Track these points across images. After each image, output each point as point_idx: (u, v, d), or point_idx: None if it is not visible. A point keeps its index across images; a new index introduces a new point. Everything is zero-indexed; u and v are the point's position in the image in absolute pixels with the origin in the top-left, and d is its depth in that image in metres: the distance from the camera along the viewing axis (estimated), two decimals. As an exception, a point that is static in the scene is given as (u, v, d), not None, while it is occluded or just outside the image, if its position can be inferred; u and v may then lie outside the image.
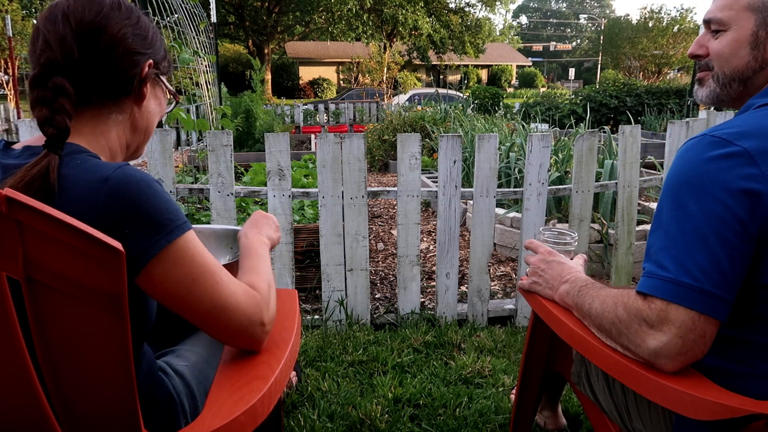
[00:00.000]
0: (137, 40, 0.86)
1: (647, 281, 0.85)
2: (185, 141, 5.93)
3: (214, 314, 0.81)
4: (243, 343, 0.87)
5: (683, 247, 0.82)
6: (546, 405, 1.60)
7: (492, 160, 2.30)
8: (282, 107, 11.68)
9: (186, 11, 4.69)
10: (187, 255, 0.78)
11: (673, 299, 0.81)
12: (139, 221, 0.74)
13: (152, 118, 0.94)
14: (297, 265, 2.61)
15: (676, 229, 0.84)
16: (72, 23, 0.80)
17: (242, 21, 25.98)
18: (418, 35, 24.61)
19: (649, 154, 4.17)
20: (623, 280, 2.56)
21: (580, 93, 12.93)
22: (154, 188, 0.77)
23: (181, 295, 0.78)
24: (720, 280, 0.80)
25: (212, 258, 0.82)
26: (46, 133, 0.76)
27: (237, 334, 0.84)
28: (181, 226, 0.78)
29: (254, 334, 0.86)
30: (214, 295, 0.80)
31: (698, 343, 0.81)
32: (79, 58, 0.80)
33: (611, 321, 0.90)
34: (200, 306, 0.80)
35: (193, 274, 0.78)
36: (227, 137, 2.16)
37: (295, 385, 1.82)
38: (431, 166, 6.02)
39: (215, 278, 0.81)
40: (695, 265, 0.81)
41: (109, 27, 0.82)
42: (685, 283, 0.81)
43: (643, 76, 29.70)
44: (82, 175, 0.75)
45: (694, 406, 0.81)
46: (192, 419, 0.90)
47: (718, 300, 0.80)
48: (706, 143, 0.85)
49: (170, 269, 0.76)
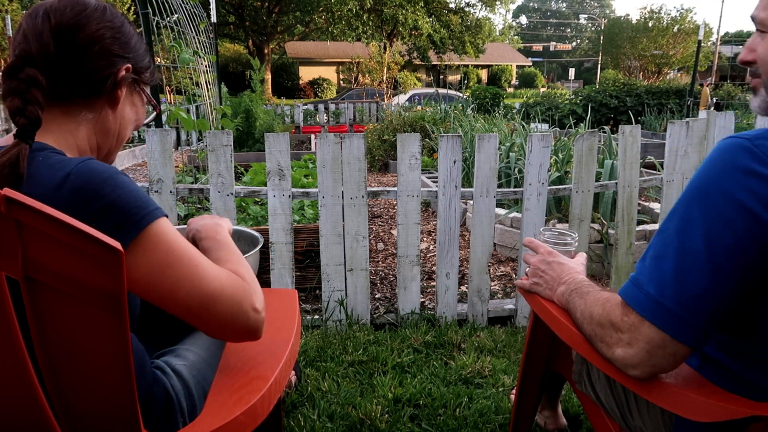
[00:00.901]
0: (116, 42, 0.86)
1: (631, 289, 0.82)
2: (185, 141, 5.93)
3: (198, 303, 0.77)
4: (238, 332, 0.82)
5: (674, 266, 0.77)
6: (546, 405, 1.60)
7: (492, 160, 2.30)
8: (282, 107, 11.68)
9: (186, 11, 4.69)
10: (161, 242, 0.75)
11: (648, 317, 0.78)
12: (105, 214, 0.72)
13: (126, 123, 0.93)
14: (297, 265, 2.61)
15: (676, 241, 0.78)
16: (52, 20, 0.81)
17: (242, 21, 25.99)
18: (418, 35, 24.61)
19: (649, 154, 4.17)
20: (623, 280, 2.55)
21: (580, 93, 12.94)
22: (119, 179, 0.76)
23: (157, 284, 0.75)
24: (703, 312, 0.76)
25: (189, 245, 0.79)
26: (18, 123, 0.76)
27: (230, 322, 0.80)
28: (150, 213, 0.75)
29: (249, 320, 0.81)
30: (195, 281, 0.77)
31: (667, 359, 0.79)
32: (54, 53, 0.80)
33: (592, 327, 0.91)
34: (180, 294, 0.76)
35: (167, 260, 0.75)
36: (227, 137, 2.16)
37: (295, 384, 1.82)
38: (431, 166, 6.02)
39: (193, 263, 0.78)
40: (681, 288, 0.76)
41: (88, 26, 0.82)
42: (666, 307, 0.77)
43: (643, 76, 29.70)
44: (44, 171, 0.75)
45: (694, 408, 0.81)
46: (190, 419, 0.90)
47: (694, 329, 0.76)
48: (740, 151, 0.75)
49: (142, 258, 0.74)
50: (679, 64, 30.03)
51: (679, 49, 29.19)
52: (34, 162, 0.76)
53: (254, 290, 0.84)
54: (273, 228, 2.25)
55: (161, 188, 2.18)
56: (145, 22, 3.43)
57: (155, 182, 2.17)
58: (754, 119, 2.55)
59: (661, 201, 2.53)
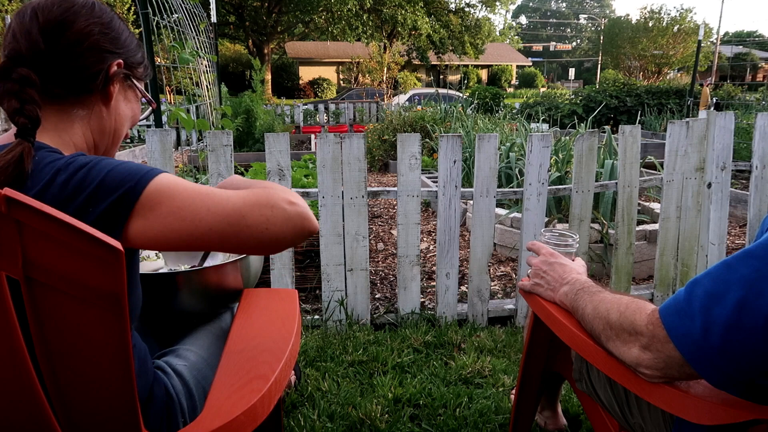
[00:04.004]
0: (106, 38, 0.85)
1: (673, 315, 0.77)
2: (185, 141, 5.93)
3: (227, 225, 0.75)
4: (287, 232, 0.77)
5: (730, 317, 0.70)
6: (546, 405, 1.60)
7: (492, 160, 2.30)
8: (282, 107, 11.68)
9: (186, 11, 4.70)
10: (164, 193, 0.74)
11: (683, 352, 0.76)
12: (98, 195, 0.72)
13: (121, 120, 0.92)
14: (297, 265, 2.61)
15: (741, 292, 0.70)
16: (40, 18, 0.80)
17: (242, 21, 25.98)
18: (418, 35, 24.61)
19: (649, 154, 4.17)
20: (623, 280, 2.55)
21: (580, 93, 12.94)
22: (104, 162, 0.75)
23: (179, 230, 0.74)
24: (746, 369, 0.71)
25: (197, 185, 0.78)
26: (18, 122, 0.76)
27: (271, 227, 0.76)
28: (144, 176, 0.74)
29: (290, 214, 0.77)
30: (213, 208, 0.75)
31: (681, 375, 0.80)
32: (44, 51, 0.80)
33: (603, 326, 0.91)
34: (204, 226, 0.74)
35: (178, 205, 0.74)
36: (227, 137, 2.16)
37: (294, 384, 1.82)
38: (431, 166, 6.01)
39: (204, 194, 0.76)
40: (729, 342, 0.71)
41: (76, 23, 0.82)
42: (705, 352, 0.73)
43: (643, 76, 29.70)
44: (39, 171, 0.75)
45: (696, 410, 0.81)
46: (190, 419, 0.90)
47: (728, 378, 0.73)
48: None
49: (152, 216, 0.73)
50: (679, 64, 30.02)
51: (679, 49, 29.18)
52: (31, 161, 0.76)
53: (282, 188, 0.81)
54: (273, 228, 2.25)
55: (161, 188, 2.18)
56: (145, 22, 3.43)
57: (155, 182, 2.17)
58: (754, 119, 2.55)
59: (661, 201, 2.53)
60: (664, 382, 0.83)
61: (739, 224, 4.15)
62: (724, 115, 2.45)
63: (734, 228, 4.06)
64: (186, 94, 4.48)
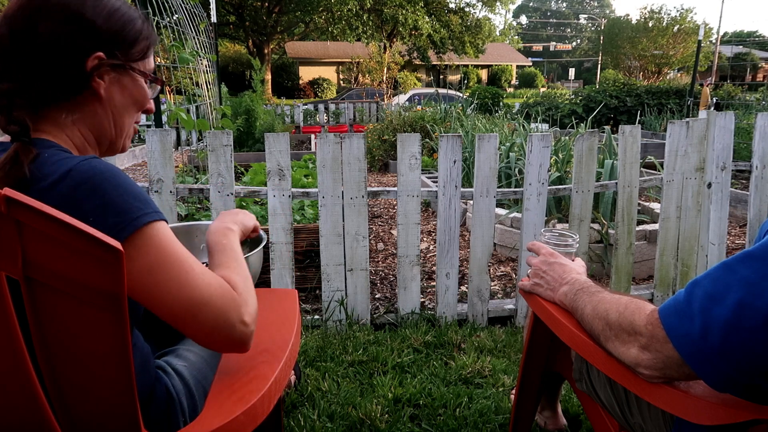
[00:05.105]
0: (76, 33, 0.82)
1: (673, 316, 0.77)
2: (185, 141, 5.93)
3: (184, 309, 0.76)
4: (223, 343, 0.80)
5: (730, 318, 0.70)
6: (546, 405, 1.60)
7: (492, 160, 2.30)
8: (282, 107, 11.68)
9: (186, 11, 4.70)
10: (153, 244, 0.75)
11: (681, 352, 0.76)
12: (104, 210, 0.72)
13: (120, 110, 0.90)
14: (297, 265, 2.61)
15: (741, 293, 0.70)
16: (6, 27, 0.81)
17: (242, 21, 25.98)
18: (418, 35, 24.61)
19: (649, 154, 4.17)
20: (623, 280, 2.55)
21: (580, 93, 12.94)
22: (120, 178, 0.76)
23: (145, 284, 0.74)
24: (746, 370, 0.71)
25: (184, 250, 0.78)
26: (9, 131, 0.78)
27: (214, 332, 0.78)
28: (147, 215, 0.75)
29: (234, 332, 0.79)
30: (182, 286, 0.76)
31: (680, 375, 0.80)
32: (20, 61, 0.80)
33: (603, 325, 0.91)
34: (167, 297, 0.75)
35: (158, 262, 0.75)
36: (227, 137, 2.16)
37: (294, 384, 1.82)
38: (431, 166, 6.01)
39: (184, 268, 0.77)
40: (728, 342, 0.71)
41: (41, 24, 0.80)
42: (705, 353, 0.73)
43: (643, 76, 29.71)
44: (47, 168, 0.75)
45: (696, 410, 0.81)
46: (191, 419, 0.90)
47: (728, 378, 0.73)
48: None
49: (135, 256, 0.74)
50: (679, 64, 30.03)
51: (679, 49, 29.19)
52: (39, 159, 0.76)
53: (245, 301, 0.82)
54: (273, 228, 2.25)
55: (161, 188, 2.18)
56: (145, 22, 3.42)
57: (155, 182, 2.17)
58: (754, 119, 2.55)
59: (661, 201, 2.53)
60: (662, 382, 0.83)
61: (739, 224, 4.15)
62: (724, 115, 2.45)
63: (734, 228, 4.06)
64: (186, 94, 4.48)
